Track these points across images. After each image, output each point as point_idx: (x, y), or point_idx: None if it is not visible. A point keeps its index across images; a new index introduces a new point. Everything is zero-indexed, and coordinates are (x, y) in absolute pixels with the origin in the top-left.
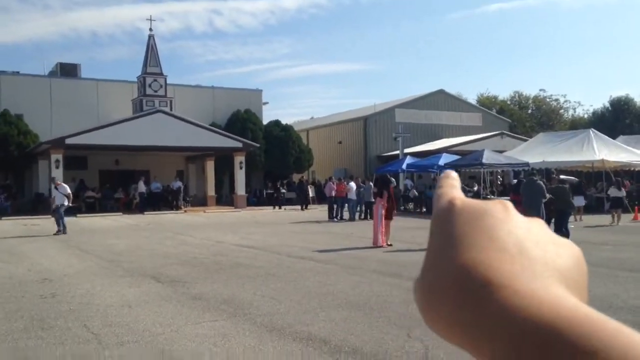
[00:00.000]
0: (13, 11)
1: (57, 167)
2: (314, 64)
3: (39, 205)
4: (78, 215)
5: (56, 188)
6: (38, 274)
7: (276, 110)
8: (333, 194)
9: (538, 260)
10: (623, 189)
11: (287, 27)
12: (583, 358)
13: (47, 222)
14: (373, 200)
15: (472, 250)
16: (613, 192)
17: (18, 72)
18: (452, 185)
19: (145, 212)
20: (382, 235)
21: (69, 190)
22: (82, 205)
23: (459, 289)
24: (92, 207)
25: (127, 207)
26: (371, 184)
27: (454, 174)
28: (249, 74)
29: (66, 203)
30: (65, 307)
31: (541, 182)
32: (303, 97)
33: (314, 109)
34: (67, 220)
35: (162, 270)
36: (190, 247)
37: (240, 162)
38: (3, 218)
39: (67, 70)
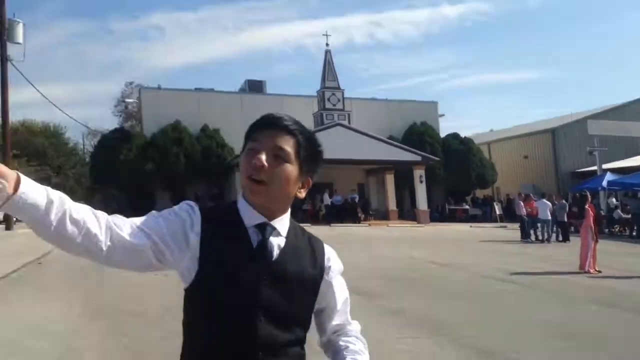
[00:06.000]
0: (195, 33)
1: None
2: (481, 74)
3: None
4: None
5: None
6: None
7: (449, 123)
8: (524, 212)
9: None
10: None
11: (450, 36)
12: None
13: None
14: (566, 220)
15: None
16: None
17: (212, 89)
18: None
19: (332, 224)
20: (591, 259)
21: None
22: None
23: None
24: None
25: (314, 218)
26: (564, 202)
27: None
28: (414, 87)
29: None
30: None
31: None
32: (473, 109)
33: (485, 120)
34: None
35: (357, 283)
36: (381, 262)
37: (420, 176)
38: None
39: (255, 87)
